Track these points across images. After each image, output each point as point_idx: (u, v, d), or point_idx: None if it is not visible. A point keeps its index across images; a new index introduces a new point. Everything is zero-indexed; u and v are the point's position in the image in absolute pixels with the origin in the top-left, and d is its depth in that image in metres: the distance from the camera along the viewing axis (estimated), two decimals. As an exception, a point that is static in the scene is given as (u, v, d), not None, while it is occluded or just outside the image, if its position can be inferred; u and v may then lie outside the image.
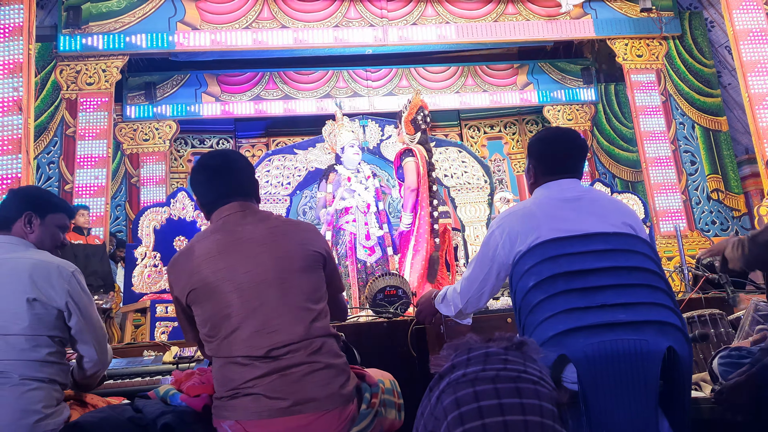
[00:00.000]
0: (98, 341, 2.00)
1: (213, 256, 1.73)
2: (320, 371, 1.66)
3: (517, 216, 1.90)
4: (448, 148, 7.46)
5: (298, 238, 1.81)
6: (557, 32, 8.51)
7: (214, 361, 1.73)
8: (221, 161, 1.91)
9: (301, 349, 1.66)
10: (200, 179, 1.89)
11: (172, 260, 1.84)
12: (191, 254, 1.76)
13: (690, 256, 6.37)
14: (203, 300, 1.71)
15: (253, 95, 9.16)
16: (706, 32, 8.84)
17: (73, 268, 1.96)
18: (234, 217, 1.81)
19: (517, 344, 1.21)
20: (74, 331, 1.94)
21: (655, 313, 1.64)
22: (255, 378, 1.62)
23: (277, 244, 1.76)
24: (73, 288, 1.92)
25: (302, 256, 1.77)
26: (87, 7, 7.75)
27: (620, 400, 1.59)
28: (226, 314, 1.67)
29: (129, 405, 1.79)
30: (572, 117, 9.74)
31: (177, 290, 1.78)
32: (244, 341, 1.65)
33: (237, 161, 1.93)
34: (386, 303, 3.61)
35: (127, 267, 5.96)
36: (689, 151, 8.55)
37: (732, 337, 2.61)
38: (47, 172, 7.51)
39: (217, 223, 1.82)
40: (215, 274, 1.70)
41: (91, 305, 1.98)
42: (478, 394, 1.09)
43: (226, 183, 1.86)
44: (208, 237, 1.79)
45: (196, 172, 1.90)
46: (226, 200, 1.84)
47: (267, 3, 8.16)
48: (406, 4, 8.40)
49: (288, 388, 1.61)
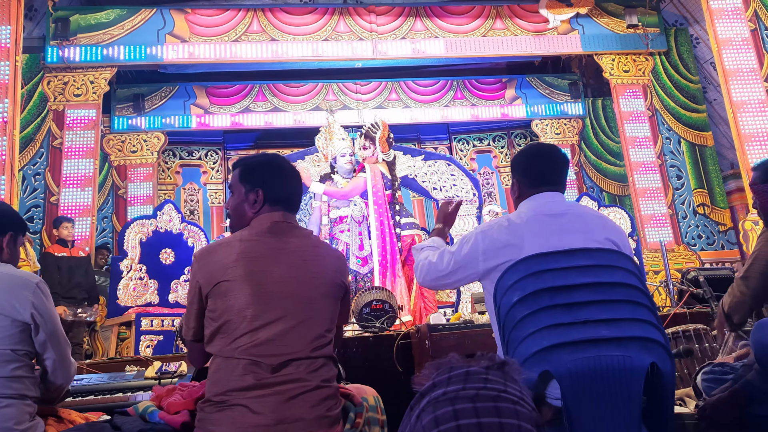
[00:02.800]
0: (62, 354, 1.97)
1: (254, 257, 1.72)
2: (312, 392, 1.65)
3: (501, 228, 1.90)
4: (437, 161, 7.46)
5: (331, 264, 1.83)
6: (545, 47, 8.60)
7: (215, 359, 1.70)
8: (291, 167, 1.92)
9: (303, 366, 1.66)
10: (271, 175, 1.87)
11: (207, 248, 1.80)
12: (232, 248, 1.73)
13: (676, 270, 6.41)
14: (229, 295, 1.68)
15: (242, 107, 9.16)
16: (691, 48, 8.96)
17: (37, 280, 1.94)
18: (280, 226, 1.82)
19: (499, 364, 1.20)
20: (38, 344, 1.91)
21: (639, 329, 1.64)
22: (247, 388, 1.60)
23: (315, 263, 1.78)
24: (38, 300, 1.89)
25: (331, 283, 1.80)
26: (75, 19, 7.74)
27: (604, 417, 1.58)
28: (245, 315, 1.66)
29: (107, 422, 1.76)
30: (560, 131, 9.82)
31: (203, 278, 1.73)
32: (254, 346, 1.64)
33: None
34: (372, 317, 3.60)
35: (112, 279, 5.91)
36: (675, 165, 8.62)
37: (716, 353, 2.61)
38: (33, 184, 7.44)
39: (265, 227, 1.80)
40: (249, 274, 1.69)
41: (55, 317, 1.96)
42: (457, 412, 1.07)
43: (291, 190, 1.89)
44: (254, 237, 1.77)
45: (268, 167, 1.89)
46: (280, 206, 1.84)
47: (256, 16, 8.19)
48: (395, 19, 8.46)
49: (276, 406, 1.59)
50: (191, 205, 9.65)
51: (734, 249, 8.19)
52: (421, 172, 7.04)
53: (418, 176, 7.06)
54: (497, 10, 8.62)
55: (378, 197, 5.54)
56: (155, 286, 5.93)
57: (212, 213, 9.68)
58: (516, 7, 8.66)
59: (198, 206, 9.69)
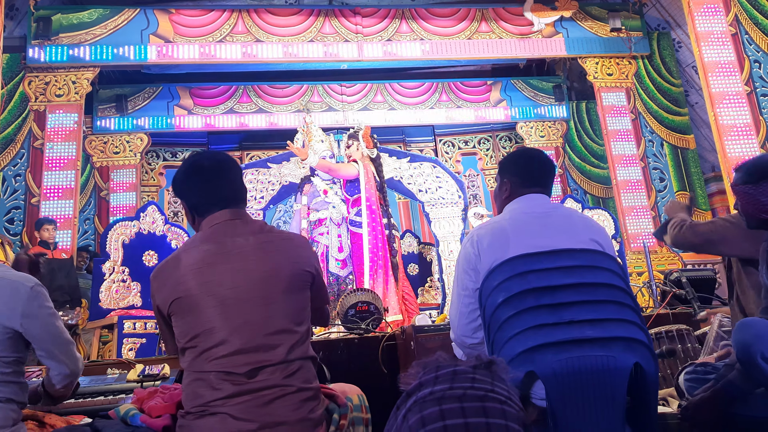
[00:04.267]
0: (64, 352, 1.94)
1: (200, 267, 1.65)
2: (292, 395, 1.62)
3: (487, 230, 1.91)
4: (423, 163, 7.47)
5: (289, 254, 1.74)
6: (529, 50, 8.65)
7: (186, 374, 1.66)
8: (214, 164, 1.80)
9: (278, 371, 1.62)
10: (190, 182, 1.79)
11: (157, 268, 1.74)
12: (178, 263, 1.68)
13: (659, 271, 6.46)
14: (185, 312, 1.64)
15: (226, 108, 9.10)
16: (673, 52, 9.06)
17: (32, 284, 1.90)
18: (225, 227, 1.73)
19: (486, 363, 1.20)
20: (36, 347, 1.88)
21: (623, 330, 1.65)
22: (225, 397, 1.57)
23: (267, 259, 1.69)
24: (29, 305, 1.86)
25: (291, 274, 1.71)
26: (57, 18, 7.65)
27: (588, 416, 1.59)
28: (207, 329, 1.61)
29: (88, 426, 1.73)
30: (545, 134, 9.88)
31: (159, 299, 1.69)
32: (222, 358, 1.59)
33: (230, 166, 1.83)
34: (358, 319, 3.59)
35: (95, 282, 5.83)
36: (658, 168, 8.71)
37: (698, 353, 2.64)
38: (13, 185, 7.34)
39: (207, 232, 1.74)
40: (200, 286, 1.63)
41: (51, 317, 1.92)
42: (444, 412, 1.07)
43: (218, 188, 1.77)
44: (197, 247, 1.71)
45: (186, 173, 1.79)
46: (217, 207, 1.75)
47: (242, 17, 8.15)
48: (380, 21, 8.46)
49: (257, 411, 1.57)
50: (175, 206, 9.57)
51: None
52: (406, 174, 7.05)
53: (403, 178, 7.06)
54: (482, 13, 8.66)
55: (370, 194, 5.52)
56: (138, 289, 5.86)
57: (196, 215, 9.60)
58: (501, 10, 8.70)
59: (182, 208, 9.59)
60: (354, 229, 5.65)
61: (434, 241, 7.29)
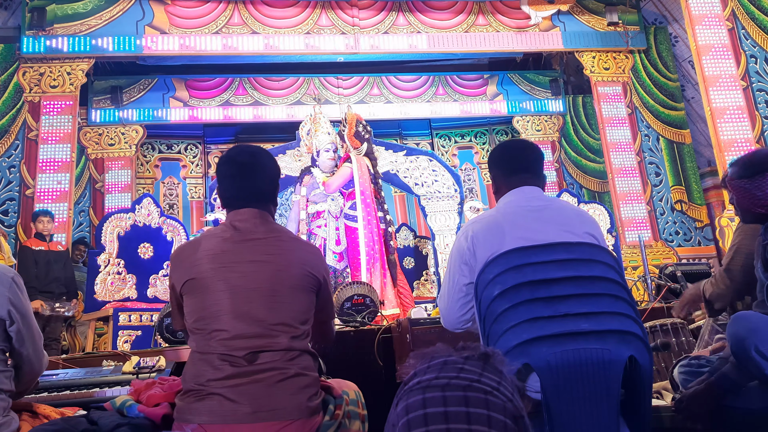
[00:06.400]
0: (36, 348, 1.95)
1: (216, 253, 1.75)
2: (291, 379, 1.65)
3: (482, 224, 1.91)
4: (419, 156, 7.48)
5: (299, 256, 1.81)
6: (526, 44, 8.63)
7: (191, 354, 1.73)
8: (247, 161, 1.88)
9: (278, 356, 1.67)
10: (225, 173, 1.88)
11: (178, 248, 1.87)
12: (197, 247, 1.78)
13: (654, 265, 6.49)
14: (196, 292, 1.72)
15: (222, 101, 9.07)
16: (670, 47, 9.06)
17: (12, 274, 1.90)
18: (247, 225, 1.81)
19: (481, 355, 1.20)
20: (15, 339, 1.87)
21: (618, 323, 1.65)
22: (223, 378, 1.61)
23: (279, 258, 1.77)
24: (14, 295, 1.86)
25: (300, 274, 1.78)
26: (52, 9, 7.59)
27: (582, 409, 1.60)
28: (214, 311, 1.69)
29: (83, 417, 1.73)
30: (541, 128, 9.88)
31: (175, 278, 1.80)
32: (225, 341, 1.65)
33: (263, 165, 1.90)
34: (354, 312, 3.60)
35: (90, 274, 5.83)
36: (654, 162, 8.73)
37: (693, 346, 2.65)
38: (7, 177, 7.30)
39: (228, 225, 1.83)
40: (213, 271, 1.72)
41: (30, 310, 1.93)
42: (426, 401, 1.08)
43: (248, 186, 1.86)
44: (217, 235, 1.81)
45: (223, 164, 1.89)
46: (244, 204, 1.84)
47: (237, 8, 8.11)
48: (377, 13, 8.43)
49: (255, 394, 1.60)
50: (170, 199, 9.54)
51: (711, 245, 8.32)
52: (402, 168, 7.05)
53: (399, 171, 7.06)
54: (479, 6, 8.64)
55: (365, 188, 5.53)
56: (133, 281, 5.86)
57: (192, 207, 9.58)
58: (498, 3, 8.67)
59: (177, 200, 9.58)
60: (349, 223, 5.65)
61: (430, 234, 7.31)
